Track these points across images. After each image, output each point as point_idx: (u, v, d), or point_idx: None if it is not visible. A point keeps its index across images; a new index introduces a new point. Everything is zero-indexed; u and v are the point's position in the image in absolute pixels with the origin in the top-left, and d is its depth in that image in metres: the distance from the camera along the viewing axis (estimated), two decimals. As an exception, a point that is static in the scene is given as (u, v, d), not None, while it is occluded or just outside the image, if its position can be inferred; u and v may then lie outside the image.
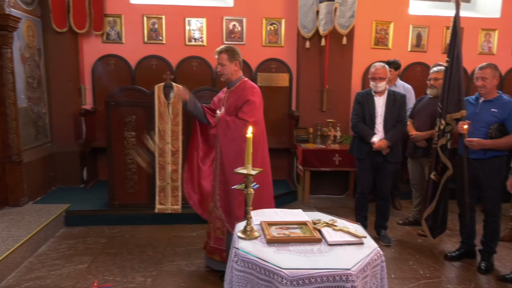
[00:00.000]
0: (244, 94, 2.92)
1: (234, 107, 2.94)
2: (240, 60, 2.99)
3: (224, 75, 2.98)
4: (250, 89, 2.95)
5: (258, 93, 2.99)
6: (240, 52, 3.00)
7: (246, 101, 2.89)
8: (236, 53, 2.96)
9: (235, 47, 3.00)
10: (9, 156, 4.10)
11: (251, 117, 2.86)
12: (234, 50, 2.96)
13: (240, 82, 3.01)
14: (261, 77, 5.55)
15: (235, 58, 2.95)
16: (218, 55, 2.95)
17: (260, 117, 2.98)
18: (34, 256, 3.50)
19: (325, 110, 5.32)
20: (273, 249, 1.78)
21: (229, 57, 2.92)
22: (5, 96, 4.02)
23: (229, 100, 3.00)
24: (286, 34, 5.51)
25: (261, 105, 3.01)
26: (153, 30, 5.35)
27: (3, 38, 3.93)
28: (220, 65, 2.95)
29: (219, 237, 3.10)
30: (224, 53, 2.93)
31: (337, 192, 5.45)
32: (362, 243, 1.85)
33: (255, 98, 2.92)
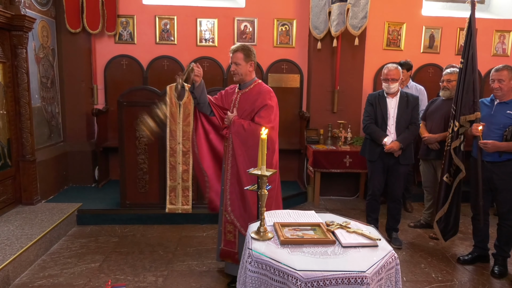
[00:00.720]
0: (262, 98, 2.81)
1: (249, 111, 2.84)
2: (255, 60, 2.90)
3: (237, 74, 2.87)
4: (268, 93, 2.86)
5: (275, 98, 2.91)
6: (255, 52, 2.90)
7: (264, 105, 2.79)
8: (252, 53, 2.86)
9: (251, 47, 2.89)
10: (23, 155, 4.16)
11: (268, 122, 2.77)
12: (250, 50, 2.86)
13: (255, 85, 2.91)
14: (272, 78, 5.55)
15: (251, 58, 2.84)
16: (233, 54, 2.84)
17: (277, 122, 2.92)
18: (47, 254, 3.54)
19: (336, 111, 5.30)
20: (287, 251, 1.77)
21: (245, 57, 2.82)
22: (19, 96, 4.07)
23: (241, 103, 2.90)
24: (297, 35, 5.50)
25: (277, 109, 2.93)
26: (165, 30, 5.39)
27: (19, 39, 3.99)
28: (235, 64, 2.84)
29: (230, 240, 3.04)
30: (240, 51, 2.82)
31: (347, 193, 5.42)
32: (376, 245, 1.83)
33: (272, 103, 2.85)
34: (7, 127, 3.99)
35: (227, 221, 3.00)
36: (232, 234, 3.02)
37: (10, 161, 4.03)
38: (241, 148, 2.83)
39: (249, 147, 2.80)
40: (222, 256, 3.12)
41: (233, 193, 2.93)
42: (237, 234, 3.00)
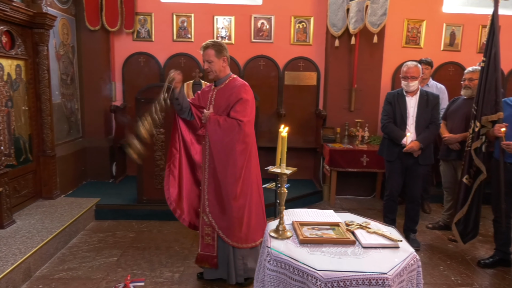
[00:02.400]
0: (237, 92, 2.74)
1: (225, 106, 2.76)
2: (228, 55, 2.80)
3: (211, 72, 2.78)
4: (243, 87, 2.77)
5: (251, 91, 2.83)
6: (227, 47, 2.81)
7: (239, 99, 2.71)
8: (224, 48, 2.76)
9: (222, 42, 2.81)
10: (43, 150, 4.24)
11: (244, 116, 2.70)
12: (221, 45, 2.76)
13: (229, 80, 2.83)
14: (289, 76, 5.52)
15: (223, 53, 2.74)
16: (203, 51, 2.75)
17: (253, 116, 2.82)
18: (66, 247, 3.60)
19: (353, 109, 5.24)
20: (306, 250, 1.76)
21: (216, 53, 2.71)
22: (40, 92, 4.15)
23: (217, 99, 2.82)
24: (314, 32, 5.45)
25: (253, 103, 2.83)
26: (182, 28, 5.41)
27: (40, 36, 4.06)
28: (207, 62, 2.74)
29: (208, 243, 2.93)
30: (211, 48, 2.72)
31: (364, 193, 5.36)
32: (397, 246, 1.81)
33: (248, 96, 2.75)
34: (29, 122, 4.08)
35: (205, 223, 2.90)
36: (211, 237, 2.92)
37: (31, 156, 4.12)
38: (217, 146, 2.75)
39: (225, 144, 2.73)
40: (199, 262, 3.01)
41: (211, 193, 2.83)
42: (215, 237, 2.90)
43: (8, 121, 3.75)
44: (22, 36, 3.91)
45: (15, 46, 3.80)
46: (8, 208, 3.51)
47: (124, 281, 1.84)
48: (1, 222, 3.43)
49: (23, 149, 3.99)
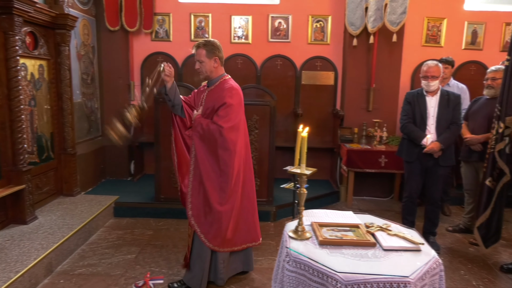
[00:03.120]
0: (222, 96, 2.64)
1: (211, 109, 2.69)
2: (221, 55, 2.70)
3: (202, 72, 2.73)
4: (229, 91, 2.66)
5: (238, 95, 2.70)
6: (221, 46, 2.71)
7: (223, 104, 2.61)
8: (216, 47, 2.67)
9: (215, 41, 2.70)
10: (64, 148, 4.33)
11: (226, 122, 2.60)
12: (214, 45, 2.67)
13: (221, 81, 2.75)
14: (306, 75, 5.49)
15: (215, 53, 2.66)
16: (195, 51, 2.69)
17: (238, 121, 2.70)
18: (86, 244, 3.67)
19: (371, 109, 5.18)
20: (326, 251, 1.75)
21: (207, 53, 2.65)
22: (62, 92, 4.24)
23: (207, 100, 2.75)
24: (332, 31, 5.41)
25: (241, 107, 2.72)
26: (199, 28, 5.44)
27: (62, 37, 4.14)
28: (198, 61, 2.69)
29: (189, 245, 2.91)
30: (202, 48, 2.66)
31: (381, 194, 5.29)
32: (419, 250, 1.78)
33: (232, 101, 2.64)
34: (51, 121, 4.17)
35: (190, 224, 2.85)
36: (192, 238, 2.88)
37: (53, 154, 4.21)
38: (201, 150, 2.69)
39: (208, 148, 2.67)
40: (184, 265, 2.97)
41: (194, 196, 2.76)
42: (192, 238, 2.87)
43: (31, 119, 3.85)
44: (45, 37, 4.00)
45: (38, 47, 3.89)
46: (30, 204, 3.60)
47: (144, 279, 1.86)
48: (24, 218, 3.52)
49: (45, 147, 4.09)
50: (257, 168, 4.34)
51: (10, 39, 3.32)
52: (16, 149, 3.46)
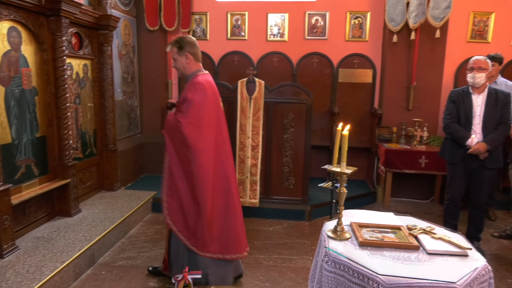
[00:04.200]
0: (185, 92, 2.62)
1: (178, 105, 2.68)
2: (193, 51, 2.62)
3: (177, 70, 2.71)
4: (193, 85, 2.59)
5: (201, 91, 2.57)
6: (193, 42, 2.64)
7: (184, 99, 2.57)
8: (186, 43, 2.61)
9: (186, 37, 2.65)
10: (106, 144, 4.50)
11: (185, 117, 2.52)
12: (184, 41, 2.61)
13: (193, 77, 2.66)
14: (343, 73, 5.39)
15: (185, 49, 2.60)
16: (169, 50, 2.69)
17: (201, 117, 2.55)
18: (126, 237, 3.80)
19: (412, 108, 5.00)
20: (367, 253, 1.70)
21: (178, 50, 2.61)
22: (104, 90, 4.40)
23: (180, 97, 2.75)
24: (371, 28, 5.27)
25: (205, 103, 2.56)
26: (236, 26, 5.47)
27: (105, 37, 4.30)
28: (173, 59, 2.68)
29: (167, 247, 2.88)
30: (173, 46, 2.64)
31: (421, 196, 5.10)
32: (466, 255, 1.69)
33: (194, 96, 2.54)
34: (94, 118, 4.34)
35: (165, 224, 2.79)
36: (168, 240, 2.85)
37: (95, 150, 4.39)
38: (170, 146, 2.65)
39: (174, 144, 2.61)
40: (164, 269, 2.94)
41: (169, 195, 2.70)
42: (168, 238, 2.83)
43: (76, 117, 4.02)
44: (89, 37, 4.16)
45: (83, 47, 4.05)
46: (75, 198, 3.76)
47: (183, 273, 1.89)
48: (69, 211, 3.69)
49: (88, 143, 4.26)
50: (292, 167, 4.31)
51: (57, 40, 3.49)
52: (62, 145, 3.63)
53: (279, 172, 4.34)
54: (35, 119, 3.39)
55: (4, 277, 2.60)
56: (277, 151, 4.31)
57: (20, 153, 3.24)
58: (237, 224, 2.78)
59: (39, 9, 3.26)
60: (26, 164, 3.31)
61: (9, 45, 3.06)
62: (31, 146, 3.35)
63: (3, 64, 3.01)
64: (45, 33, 3.42)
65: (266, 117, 4.24)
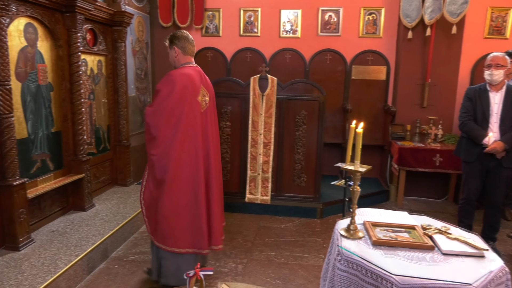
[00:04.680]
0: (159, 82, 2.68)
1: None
2: (181, 45, 2.66)
3: (170, 63, 2.78)
4: (165, 77, 2.63)
5: (172, 82, 2.56)
6: (183, 36, 2.68)
7: (156, 89, 2.64)
8: (175, 37, 2.67)
9: (177, 32, 2.72)
10: (119, 140, 4.54)
11: (151, 105, 2.60)
12: (173, 36, 2.69)
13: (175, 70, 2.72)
14: (356, 70, 5.33)
15: (174, 43, 2.67)
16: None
17: (165, 108, 2.53)
18: (138, 232, 3.83)
19: (426, 106, 4.93)
20: (380, 252, 1.68)
21: (169, 44, 2.71)
22: (118, 86, 4.44)
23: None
24: (385, 24, 5.19)
25: (171, 93, 2.53)
26: (249, 23, 5.45)
27: (119, 33, 4.33)
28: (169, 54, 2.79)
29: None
30: (166, 41, 2.77)
31: (434, 195, 5.03)
32: (483, 256, 1.66)
33: (161, 87, 2.57)
34: (107, 114, 4.38)
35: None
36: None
37: (109, 145, 4.43)
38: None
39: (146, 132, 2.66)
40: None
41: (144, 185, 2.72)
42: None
43: (90, 112, 4.07)
44: (103, 34, 4.20)
45: (97, 43, 4.09)
46: (89, 192, 3.81)
47: (194, 269, 1.89)
48: (83, 205, 3.74)
49: (102, 138, 4.31)
50: (304, 164, 4.29)
51: (72, 36, 3.52)
52: (77, 140, 3.68)
53: (291, 170, 4.33)
54: (50, 115, 3.44)
55: (20, 269, 2.66)
56: (289, 148, 4.30)
57: (36, 148, 3.29)
58: (202, 221, 2.69)
59: (54, 5, 3.30)
60: (42, 158, 3.36)
61: (26, 41, 3.11)
62: (47, 141, 3.41)
63: (20, 60, 3.05)
64: (61, 29, 3.46)
65: (278, 114, 4.23)
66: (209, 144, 2.75)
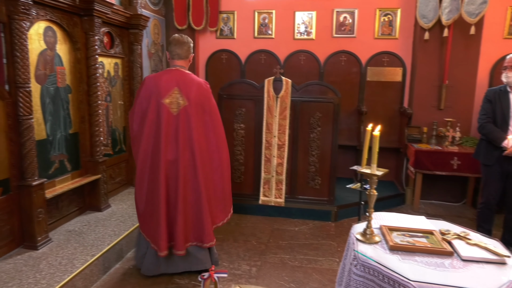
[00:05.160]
0: None
1: None
2: (169, 49, 2.89)
3: None
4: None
5: (142, 83, 2.87)
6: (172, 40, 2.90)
7: None
8: (168, 43, 2.92)
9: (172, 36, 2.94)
10: (135, 141, 4.58)
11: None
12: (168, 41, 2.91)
13: None
14: (371, 72, 5.28)
15: (167, 48, 2.89)
16: None
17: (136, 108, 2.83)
18: (153, 233, 3.86)
19: (443, 108, 4.84)
20: (397, 257, 1.66)
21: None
22: (134, 88, 4.48)
23: None
24: (401, 25, 5.13)
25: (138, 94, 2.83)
26: (263, 25, 5.46)
27: (135, 36, 4.38)
28: None
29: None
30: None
31: (452, 199, 4.94)
32: (504, 263, 1.61)
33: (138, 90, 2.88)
34: (123, 116, 4.44)
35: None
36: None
37: (124, 146, 4.48)
38: None
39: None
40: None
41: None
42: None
43: (107, 114, 4.12)
44: (120, 37, 4.25)
45: (114, 46, 4.15)
46: (105, 193, 3.86)
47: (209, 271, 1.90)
48: (99, 206, 3.79)
49: (118, 140, 4.36)
50: (319, 166, 4.26)
51: (90, 39, 3.58)
52: (94, 141, 3.73)
53: (305, 172, 4.30)
54: (68, 116, 3.50)
55: (39, 268, 2.70)
56: (303, 151, 4.28)
57: (54, 149, 3.35)
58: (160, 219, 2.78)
59: (73, 9, 3.36)
60: (60, 159, 3.42)
61: (45, 44, 3.17)
62: (64, 142, 3.47)
63: (40, 62, 3.12)
64: (79, 33, 3.52)
65: (292, 116, 4.21)
66: (179, 147, 2.77)
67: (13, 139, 2.85)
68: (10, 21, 2.72)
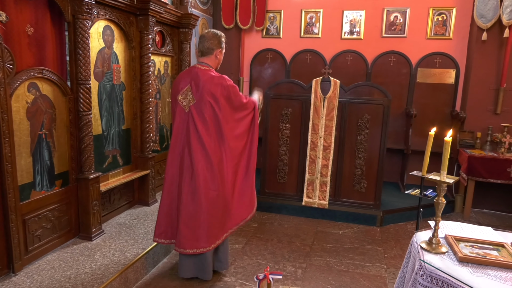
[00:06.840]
0: None
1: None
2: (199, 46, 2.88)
3: None
4: None
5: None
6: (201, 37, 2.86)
7: None
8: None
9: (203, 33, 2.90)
10: (181, 138, 4.67)
11: None
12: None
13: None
14: (422, 73, 5.09)
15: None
16: None
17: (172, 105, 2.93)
18: (197, 229, 3.91)
19: (500, 112, 4.58)
20: (468, 270, 1.57)
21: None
22: (181, 86, 4.56)
23: None
24: (456, 25, 4.90)
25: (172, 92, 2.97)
26: (310, 24, 5.40)
27: (185, 35, 4.46)
28: None
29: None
30: None
31: (506, 209, 4.67)
32: None
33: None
34: (171, 113, 4.52)
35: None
36: None
37: (171, 143, 4.58)
38: None
39: None
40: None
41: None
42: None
43: (156, 111, 4.22)
44: (171, 35, 4.34)
45: (165, 44, 4.24)
46: (153, 188, 3.96)
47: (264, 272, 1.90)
48: (147, 200, 3.89)
49: (165, 136, 4.46)
50: (365, 169, 4.16)
51: (144, 38, 3.68)
52: (144, 137, 3.84)
53: (350, 175, 4.21)
54: (122, 113, 3.61)
55: (94, 259, 2.81)
56: (349, 153, 4.19)
57: (108, 144, 3.47)
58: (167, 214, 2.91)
59: (130, 8, 3.46)
60: (113, 154, 3.54)
61: (104, 43, 3.29)
62: (118, 138, 3.59)
63: (98, 60, 3.24)
64: (134, 32, 3.62)
65: (339, 117, 4.14)
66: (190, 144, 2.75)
67: (73, 134, 2.98)
68: (75, 21, 2.83)
